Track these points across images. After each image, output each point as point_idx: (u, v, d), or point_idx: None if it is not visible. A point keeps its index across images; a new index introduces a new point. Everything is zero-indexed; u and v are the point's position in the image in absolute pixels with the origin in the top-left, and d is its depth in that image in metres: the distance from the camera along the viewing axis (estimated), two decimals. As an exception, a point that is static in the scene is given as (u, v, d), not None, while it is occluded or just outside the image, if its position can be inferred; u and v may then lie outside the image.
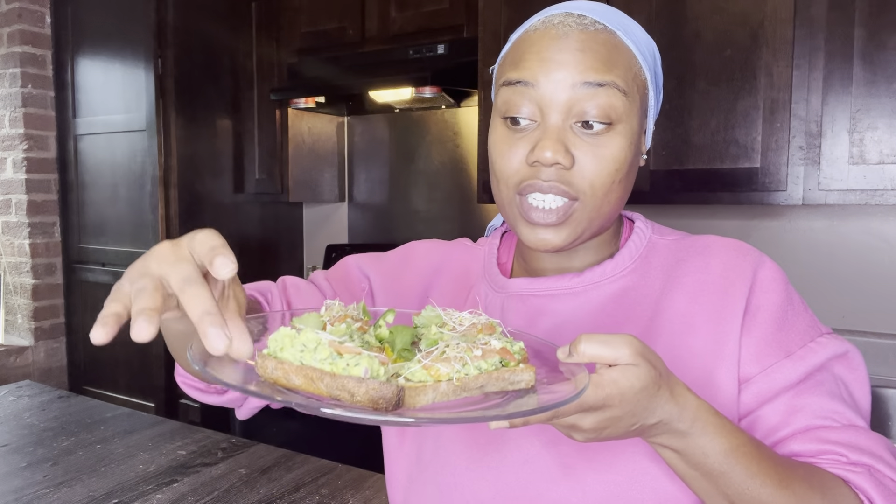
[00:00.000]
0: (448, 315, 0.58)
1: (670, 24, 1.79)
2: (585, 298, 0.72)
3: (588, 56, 0.65)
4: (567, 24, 0.67)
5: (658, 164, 1.84)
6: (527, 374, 0.52)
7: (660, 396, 0.53)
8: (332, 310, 0.57)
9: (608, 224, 0.72)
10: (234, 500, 1.13)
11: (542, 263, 0.77)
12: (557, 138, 0.64)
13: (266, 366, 0.47)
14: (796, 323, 0.67)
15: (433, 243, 0.88)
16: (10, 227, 2.93)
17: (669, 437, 0.55)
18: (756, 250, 0.71)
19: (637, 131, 0.68)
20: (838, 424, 0.63)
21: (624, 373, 0.51)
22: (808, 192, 1.67)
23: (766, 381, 0.64)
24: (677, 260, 0.73)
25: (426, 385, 0.48)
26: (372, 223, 2.88)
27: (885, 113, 1.58)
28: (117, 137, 2.69)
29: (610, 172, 0.66)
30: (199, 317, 0.43)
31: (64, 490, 1.14)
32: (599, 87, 0.64)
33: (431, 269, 0.84)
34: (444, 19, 2.24)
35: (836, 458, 0.61)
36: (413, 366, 0.49)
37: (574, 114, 0.65)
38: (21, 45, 2.79)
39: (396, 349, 0.54)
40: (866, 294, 1.91)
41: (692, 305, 0.68)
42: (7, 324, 3.01)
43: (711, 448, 0.55)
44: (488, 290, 0.78)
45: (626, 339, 0.51)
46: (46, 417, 1.50)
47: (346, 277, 0.84)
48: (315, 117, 2.76)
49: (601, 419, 0.52)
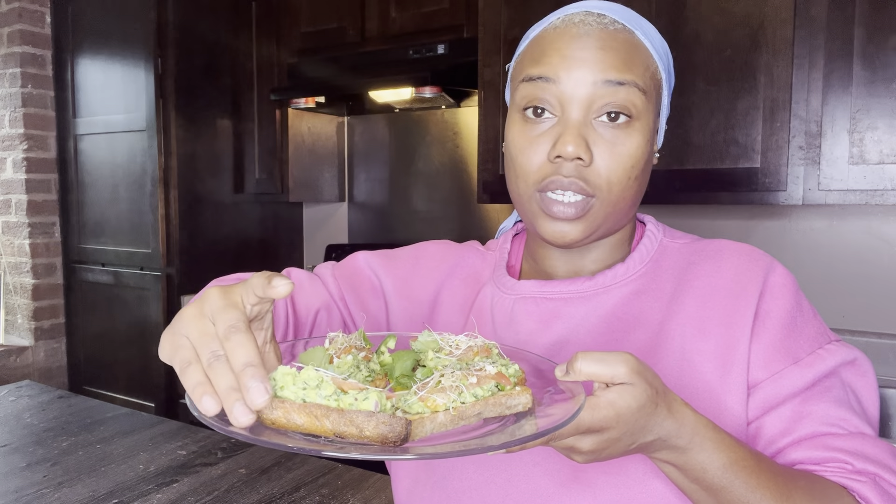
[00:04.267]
0: (444, 339, 0.59)
1: (670, 24, 1.79)
2: (597, 302, 0.72)
3: (609, 55, 0.66)
4: (587, 22, 0.68)
5: (658, 164, 1.83)
6: (523, 396, 0.52)
7: (657, 414, 0.53)
8: (336, 342, 0.57)
9: (623, 222, 0.72)
10: (234, 500, 1.13)
11: (553, 262, 0.76)
12: (578, 133, 0.65)
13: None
14: (805, 329, 0.67)
15: (444, 244, 0.88)
16: (10, 227, 2.93)
17: (668, 453, 0.56)
18: (767, 255, 0.71)
19: (652, 129, 0.69)
20: (845, 432, 0.62)
21: (621, 393, 0.51)
22: (808, 192, 1.67)
23: (773, 387, 0.64)
24: (689, 263, 0.73)
25: (423, 417, 0.48)
26: (372, 223, 2.88)
27: (885, 113, 1.58)
28: (117, 137, 2.69)
29: (626, 169, 0.66)
30: (241, 367, 0.43)
31: (64, 490, 1.14)
32: (620, 86, 0.65)
33: (443, 270, 0.83)
34: (444, 19, 2.24)
35: (842, 465, 0.61)
36: (410, 398, 0.49)
37: (594, 110, 0.66)
38: (21, 45, 2.79)
39: (394, 376, 0.55)
40: (866, 294, 1.91)
41: (703, 309, 0.68)
42: (7, 324, 3.01)
43: (710, 463, 0.55)
44: (497, 291, 0.78)
45: (622, 357, 0.51)
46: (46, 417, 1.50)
47: (354, 275, 0.84)
48: (315, 117, 2.76)
49: (599, 441, 0.52)
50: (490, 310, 0.77)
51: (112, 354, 2.81)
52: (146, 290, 2.64)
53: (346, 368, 0.53)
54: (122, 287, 2.73)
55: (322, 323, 0.78)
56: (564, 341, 0.72)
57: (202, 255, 2.68)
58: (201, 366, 0.45)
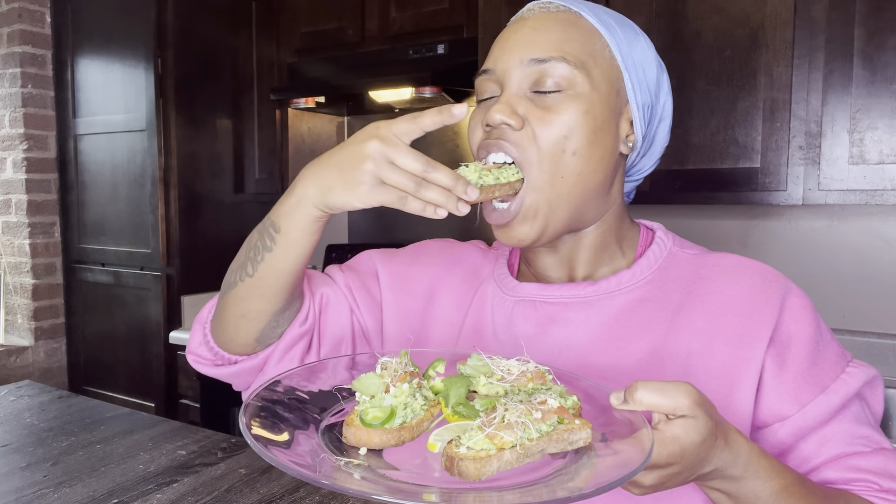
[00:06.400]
0: (495, 363, 0.58)
1: (670, 24, 1.79)
2: (599, 307, 0.71)
3: (539, 34, 0.68)
4: (531, 9, 0.72)
5: (658, 164, 1.84)
6: (584, 431, 0.52)
7: (716, 447, 0.53)
8: (388, 368, 0.58)
9: (584, 210, 0.70)
10: (234, 500, 1.13)
11: (543, 265, 0.76)
12: (506, 102, 0.67)
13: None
14: (827, 354, 0.68)
15: (446, 241, 0.89)
16: (10, 227, 2.93)
17: (722, 482, 0.56)
18: (782, 275, 0.71)
19: (598, 105, 0.67)
20: (868, 449, 0.64)
21: (685, 428, 0.51)
22: (808, 192, 1.67)
23: (803, 418, 0.65)
24: (699, 276, 0.72)
25: (490, 455, 0.48)
26: (372, 223, 2.88)
27: (885, 113, 1.58)
28: (117, 137, 2.69)
29: (559, 138, 0.66)
30: (452, 182, 0.58)
31: (64, 490, 1.14)
32: (544, 63, 0.66)
33: (440, 265, 0.84)
34: (444, 19, 2.24)
35: (868, 485, 0.63)
36: (476, 435, 0.49)
37: (525, 87, 0.68)
38: (21, 45, 2.79)
39: (451, 403, 0.55)
40: (866, 294, 1.91)
41: (712, 326, 0.68)
42: (7, 324, 3.01)
43: (763, 490, 0.56)
44: (497, 291, 0.78)
45: (684, 389, 0.51)
46: (46, 417, 1.50)
47: (358, 265, 0.86)
48: (315, 117, 2.76)
49: (662, 475, 0.52)
50: (490, 310, 0.77)
51: (112, 354, 2.81)
52: (146, 290, 2.64)
53: (403, 398, 0.54)
54: (122, 287, 2.73)
55: (328, 302, 0.79)
56: (563, 346, 0.71)
57: (202, 255, 2.68)
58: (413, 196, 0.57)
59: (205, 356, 0.76)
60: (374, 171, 0.57)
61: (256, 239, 0.68)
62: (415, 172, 0.57)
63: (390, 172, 0.57)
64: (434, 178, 0.58)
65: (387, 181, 0.57)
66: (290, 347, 0.75)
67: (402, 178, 0.57)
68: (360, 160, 0.57)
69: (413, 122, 0.59)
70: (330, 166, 0.60)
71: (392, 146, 0.57)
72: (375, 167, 0.57)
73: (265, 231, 0.67)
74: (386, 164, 0.57)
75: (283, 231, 0.65)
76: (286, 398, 0.59)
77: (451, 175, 0.58)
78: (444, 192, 0.58)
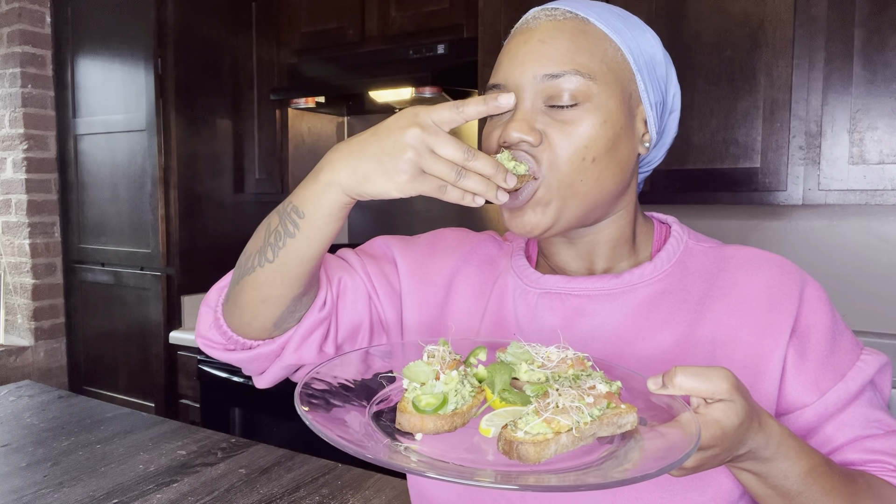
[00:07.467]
0: (535, 350, 0.60)
1: (670, 24, 1.79)
2: (623, 300, 0.72)
3: (549, 47, 0.67)
4: (538, 18, 0.70)
5: (658, 164, 1.84)
6: (631, 415, 0.53)
7: (752, 429, 0.55)
8: (436, 356, 0.59)
9: (599, 209, 0.70)
10: (234, 500, 1.13)
11: (563, 258, 0.76)
12: (523, 118, 0.66)
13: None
14: (843, 342, 0.70)
15: (462, 231, 0.89)
16: (10, 227, 2.93)
17: (754, 464, 0.58)
18: (797, 267, 0.72)
19: (615, 112, 0.67)
20: (882, 432, 0.67)
21: (725, 411, 0.52)
22: (808, 192, 1.67)
23: (823, 405, 0.67)
24: (718, 269, 0.73)
25: (549, 438, 0.50)
26: (372, 223, 2.88)
27: (885, 113, 1.58)
28: (117, 137, 2.69)
29: (578, 148, 0.65)
30: (493, 170, 0.58)
31: (64, 490, 1.14)
32: (557, 78, 0.66)
33: (459, 256, 0.84)
34: (444, 19, 2.24)
35: (883, 466, 0.66)
36: (533, 419, 0.51)
37: (540, 101, 0.67)
38: (21, 45, 2.79)
39: (497, 390, 0.56)
40: (866, 294, 1.91)
41: (734, 318, 0.69)
42: (7, 324, 3.01)
43: (792, 471, 0.58)
44: (518, 283, 0.78)
45: (722, 374, 0.53)
46: (46, 417, 1.50)
47: (374, 250, 0.86)
48: (315, 117, 2.76)
49: (703, 457, 0.53)
50: (512, 301, 0.77)
51: (112, 354, 2.81)
52: (146, 290, 2.64)
53: (453, 385, 0.56)
54: (122, 287, 2.73)
55: (346, 288, 0.78)
56: (589, 338, 0.72)
57: (202, 255, 2.68)
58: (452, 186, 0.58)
59: (216, 340, 0.75)
60: (415, 160, 0.56)
61: (277, 224, 0.67)
62: (456, 161, 0.57)
63: (432, 162, 0.56)
64: (474, 166, 0.57)
65: (427, 171, 0.56)
66: (308, 334, 0.74)
67: (444, 167, 0.56)
68: (400, 149, 0.56)
69: (455, 110, 0.58)
70: (366, 154, 0.58)
71: (433, 135, 0.56)
72: (416, 156, 0.56)
73: (286, 216, 0.65)
74: (427, 154, 0.56)
75: (308, 216, 0.64)
76: (333, 386, 0.60)
77: (492, 163, 0.58)
78: (484, 180, 0.58)
